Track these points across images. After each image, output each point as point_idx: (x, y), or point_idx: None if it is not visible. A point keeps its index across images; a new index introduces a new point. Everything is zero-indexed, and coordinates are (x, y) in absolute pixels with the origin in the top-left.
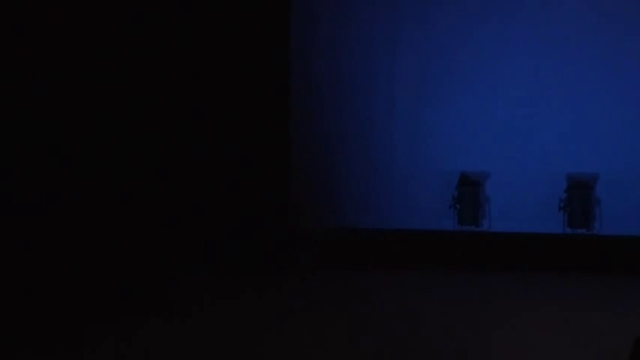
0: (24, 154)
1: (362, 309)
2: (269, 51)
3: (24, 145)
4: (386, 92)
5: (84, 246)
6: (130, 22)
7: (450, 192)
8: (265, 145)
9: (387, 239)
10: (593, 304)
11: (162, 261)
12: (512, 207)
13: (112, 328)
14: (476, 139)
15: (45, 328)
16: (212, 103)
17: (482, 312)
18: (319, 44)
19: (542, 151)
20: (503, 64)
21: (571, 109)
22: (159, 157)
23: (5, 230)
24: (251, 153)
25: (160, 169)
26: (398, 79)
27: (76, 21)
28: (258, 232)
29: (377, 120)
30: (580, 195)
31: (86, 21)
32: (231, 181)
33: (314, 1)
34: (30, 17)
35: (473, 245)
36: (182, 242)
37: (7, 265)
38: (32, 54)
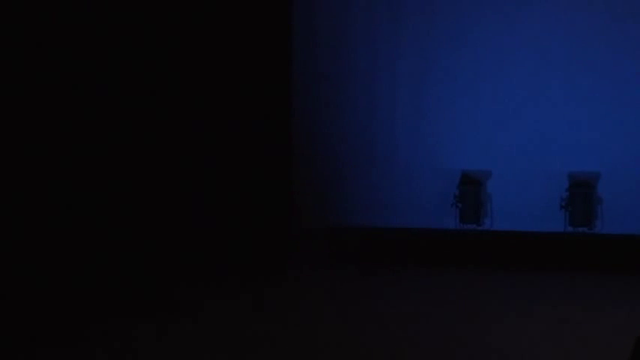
0: (25, 154)
1: (363, 307)
2: (270, 50)
3: (25, 144)
4: (388, 91)
5: (84, 246)
6: (130, 21)
7: (451, 191)
8: (267, 145)
9: (388, 238)
10: (595, 303)
11: (162, 261)
12: (513, 206)
13: (112, 327)
14: (477, 138)
15: (45, 327)
16: (213, 103)
17: (483, 311)
18: (320, 43)
19: (543, 150)
20: (505, 63)
21: (573, 108)
22: (159, 156)
23: (6, 230)
24: (252, 153)
25: (160, 169)
26: (399, 78)
27: (76, 21)
28: (260, 231)
29: (379, 119)
30: (581, 194)
31: (86, 21)
32: (233, 180)
33: (314, 1)
34: (30, 17)
35: (474, 244)
36: (183, 242)
37: (7, 264)
38: (33, 54)
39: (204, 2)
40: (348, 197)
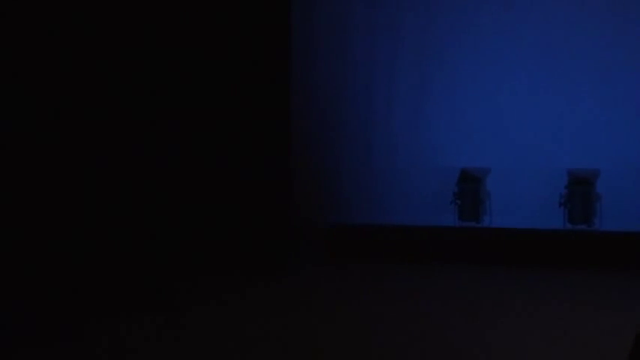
0: (26, 154)
1: (363, 305)
2: (270, 50)
3: (26, 144)
4: (386, 89)
5: (85, 245)
6: (131, 22)
7: (450, 188)
8: (266, 144)
9: (387, 235)
10: (594, 300)
11: (163, 259)
12: (512, 203)
13: (113, 326)
14: (476, 135)
15: (45, 324)
16: (214, 102)
17: (482, 308)
18: (319, 41)
19: (542, 147)
20: (504, 60)
21: (572, 105)
22: (160, 155)
23: (8, 229)
24: (252, 151)
25: (161, 168)
26: (398, 76)
27: (75, 21)
28: (259, 229)
29: (377, 117)
30: (581, 191)
31: (86, 20)
32: (233, 179)
33: (314, 1)
34: (30, 17)
35: (473, 241)
36: (183, 240)
37: (9, 262)
38: (33, 54)
39: (204, 3)
40: (347, 195)
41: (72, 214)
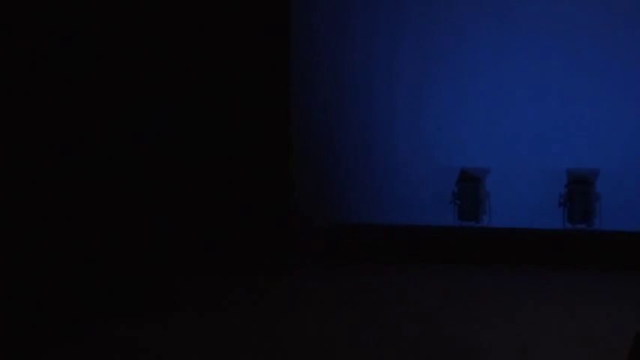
0: (27, 154)
1: (362, 305)
2: (270, 50)
3: (27, 145)
4: (386, 89)
5: (85, 245)
6: (131, 21)
7: (450, 188)
8: (266, 144)
9: (387, 235)
10: (593, 300)
11: (163, 259)
12: (512, 203)
13: (113, 326)
14: (476, 135)
15: (46, 324)
16: (214, 102)
17: (481, 307)
18: (319, 41)
19: (542, 146)
20: (504, 61)
21: (571, 105)
22: (160, 155)
23: (7, 229)
24: (252, 151)
25: (161, 167)
26: (398, 76)
27: (76, 20)
28: (260, 229)
29: (377, 117)
30: (580, 190)
31: (86, 20)
32: (233, 179)
33: (314, 1)
34: (30, 17)
35: (473, 241)
36: (184, 240)
37: (9, 262)
38: (32, 54)
39: (204, 3)
40: (347, 195)
41: (72, 214)
